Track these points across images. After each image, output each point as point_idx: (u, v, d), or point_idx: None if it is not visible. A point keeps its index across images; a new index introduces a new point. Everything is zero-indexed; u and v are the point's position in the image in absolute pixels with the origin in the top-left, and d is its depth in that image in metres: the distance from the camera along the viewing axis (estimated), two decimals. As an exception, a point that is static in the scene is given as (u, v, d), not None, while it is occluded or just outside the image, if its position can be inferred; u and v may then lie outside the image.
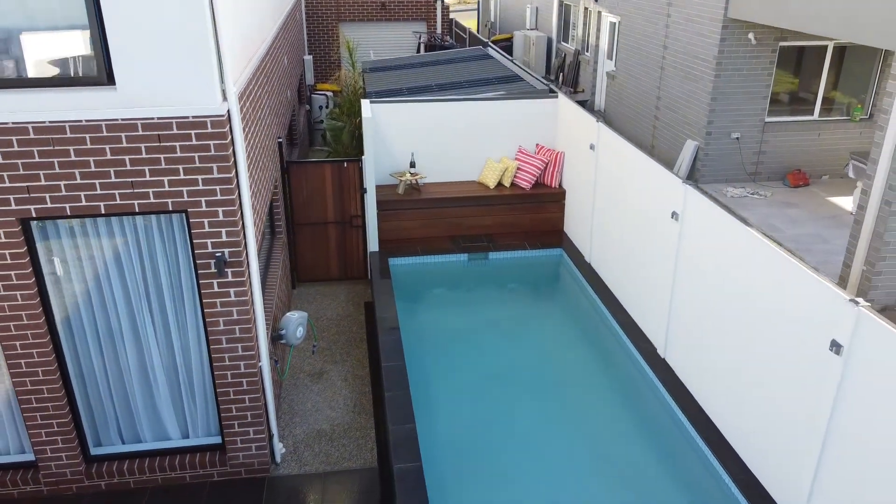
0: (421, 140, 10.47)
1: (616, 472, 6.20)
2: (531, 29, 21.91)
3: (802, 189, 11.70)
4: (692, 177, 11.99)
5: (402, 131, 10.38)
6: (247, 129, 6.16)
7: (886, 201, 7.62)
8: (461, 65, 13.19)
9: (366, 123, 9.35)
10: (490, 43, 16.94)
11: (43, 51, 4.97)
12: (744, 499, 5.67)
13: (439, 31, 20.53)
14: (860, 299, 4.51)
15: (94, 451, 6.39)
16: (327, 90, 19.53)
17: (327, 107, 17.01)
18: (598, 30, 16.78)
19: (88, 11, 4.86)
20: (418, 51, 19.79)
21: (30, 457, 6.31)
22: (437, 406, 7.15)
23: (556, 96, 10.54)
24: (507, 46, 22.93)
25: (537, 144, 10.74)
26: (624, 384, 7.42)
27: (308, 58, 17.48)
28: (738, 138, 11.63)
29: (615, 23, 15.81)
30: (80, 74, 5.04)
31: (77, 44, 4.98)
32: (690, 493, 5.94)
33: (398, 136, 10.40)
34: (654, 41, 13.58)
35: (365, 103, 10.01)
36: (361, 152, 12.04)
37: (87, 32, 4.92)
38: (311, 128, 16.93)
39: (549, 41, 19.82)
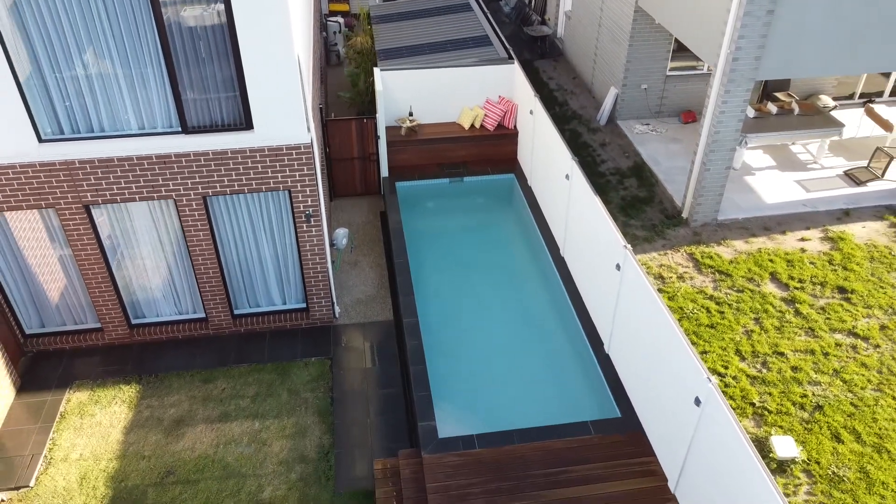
0: (417, 94, 14.80)
1: (529, 317, 11.35)
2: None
3: (691, 125, 16.13)
4: (613, 116, 16.38)
5: (403, 89, 14.69)
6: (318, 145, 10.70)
7: (703, 162, 12.25)
8: (446, 17, 17.12)
9: (378, 95, 13.71)
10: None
11: (214, 111, 9.46)
12: (586, 335, 10.84)
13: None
14: (628, 245, 9.36)
15: (235, 311, 11.53)
16: (338, 11, 23.15)
17: (340, 32, 20.81)
18: (562, -32, 20.16)
19: (241, 90, 9.30)
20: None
21: (202, 315, 11.44)
22: (428, 283, 12.19)
23: (513, 62, 14.74)
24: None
25: (500, 96, 15.07)
26: (540, 269, 12.42)
27: (323, -10, 20.97)
28: (646, 88, 15.90)
29: (575, -35, 19.20)
30: (235, 123, 9.56)
31: (233, 107, 9.46)
32: (565, 331, 11.11)
33: (401, 92, 14.72)
34: (595, 1, 17.35)
35: (377, 74, 14.24)
36: (373, 95, 16.29)
37: (240, 101, 9.39)
38: (328, 50, 20.85)
39: (526, -34, 23.02)
